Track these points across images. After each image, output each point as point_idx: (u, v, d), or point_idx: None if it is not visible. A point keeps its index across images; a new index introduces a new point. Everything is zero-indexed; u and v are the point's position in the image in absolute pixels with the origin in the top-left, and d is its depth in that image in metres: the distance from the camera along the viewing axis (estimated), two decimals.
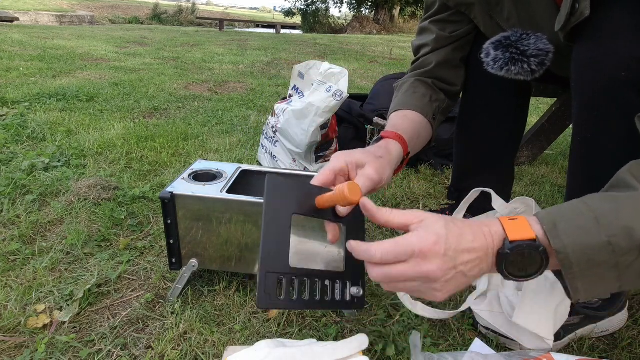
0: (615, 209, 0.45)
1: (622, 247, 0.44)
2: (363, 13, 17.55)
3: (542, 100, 2.97)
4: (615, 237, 0.44)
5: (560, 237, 0.46)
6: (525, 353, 0.65)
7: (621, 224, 0.44)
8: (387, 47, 7.20)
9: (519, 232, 0.47)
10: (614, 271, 0.45)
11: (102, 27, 9.62)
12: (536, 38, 0.74)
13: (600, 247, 0.45)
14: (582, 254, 0.45)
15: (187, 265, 0.84)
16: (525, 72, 0.76)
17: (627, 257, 0.44)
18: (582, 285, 0.47)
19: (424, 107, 0.87)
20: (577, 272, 0.46)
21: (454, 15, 0.90)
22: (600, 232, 0.45)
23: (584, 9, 0.57)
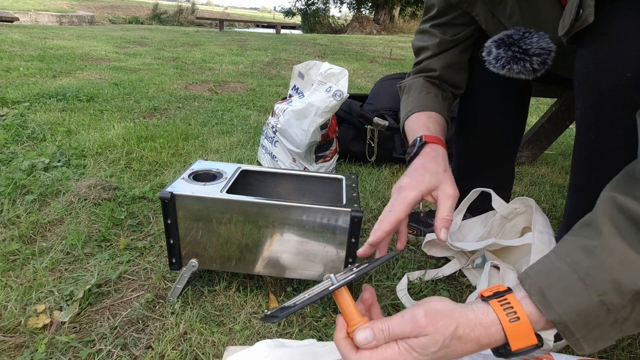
0: (596, 264, 0.44)
1: (615, 303, 0.43)
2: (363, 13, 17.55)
3: (542, 100, 2.97)
4: (606, 295, 0.43)
5: (552, 307, 0.45)
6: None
7: (607, 280, 0.44)
8: (387, 47, 7.20)
9: (522, 341, 0.46)
10: (614, 327, 0.45)
11: (102, 27, 9.62)
12: (539, 36, 0.74)
13: (594, 308, 0.44)
14: (579, 319, 0.45)
15: (187, 265, 0.84)
16: (527, 71, 0.76)
17: (622, 313, 0.44)
18: (586, 345, 0.46)
19: (441, 107, 0.89)
20: (579, 338, 0.46)
21: (455, 18, 0.90)
22: (589, 293, 0.44)
23: (588, 15, 0.57)
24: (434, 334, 0.46)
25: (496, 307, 0.48)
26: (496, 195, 0.95)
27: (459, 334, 0.47)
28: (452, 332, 0.46)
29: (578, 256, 0.46)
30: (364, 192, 1.40)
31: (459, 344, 0.47)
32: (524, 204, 0.91)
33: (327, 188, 0.95)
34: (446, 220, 0.67)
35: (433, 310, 0.48)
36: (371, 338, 0.48)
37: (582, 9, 0.58)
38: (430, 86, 0.92)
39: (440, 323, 0.47)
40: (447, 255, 1.04)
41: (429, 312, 0.48)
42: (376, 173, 1.57)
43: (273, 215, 0.78)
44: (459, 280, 0.98)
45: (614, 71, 0.58)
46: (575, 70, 0.66)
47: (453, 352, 0.47)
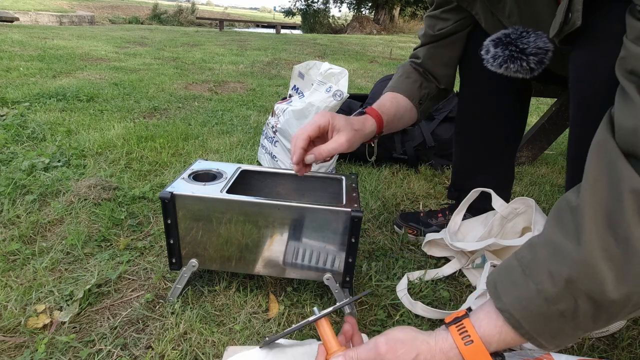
0: (534, 257, 0.48)
1: (551, 292, 0.45)
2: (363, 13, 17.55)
3: (542, 100, 2.97)
4: (542, 285, 0.46)
5: (500, 297, 0.49)
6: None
7: (542, 270, 0.46)
8: (387, 47, 7.20)
9: None
10: (567, 322, 0.46)
11: (102, 27, 9.62)
12: (536, 36, 0.74)
13: (534, 297, 0.46)
14: (522, 308, 0.47)
15: (187, 265, 0.84)
16: (524, 70, 0.76)
17: (565, 304, 0.45)
18: (544, 340, 0.48)
19: (413, 92, 0.95)
20: (528, 328, 0.47)
21: (444, 12, 0.93)
22: (528, 283, 0.47)
23: (576, 19, 0.58)
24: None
25: (453, 333, 0.51)
26: (496, 195, 0.95)
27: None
28: (412, 359, 0.50)
29: (524, 251, 0.50)
30: (364, 192, 1.40)
31: None
32: (524, 204, 0.92)
33: (327, 188, 0.95)
34: (321, 155, 0.72)
35: (394, 339, 0.52)
36: None
37: (570, 13, 0.59)
38: (413, 72, 0.98)
39: (400, 351, 0.50)
40: (447, 255, 1.04)
41: (389, 340, 0.52)
42: (376, 173, 1.57)
43: (273, 215, 0.78)
44: (459, 280, 0.98)
45: (603, 73, 0.58)
46: (569, 69, 0.67)
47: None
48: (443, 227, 1.07)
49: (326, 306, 0.86)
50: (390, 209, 1.31)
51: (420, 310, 0.85)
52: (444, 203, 1.36)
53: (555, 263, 0.45)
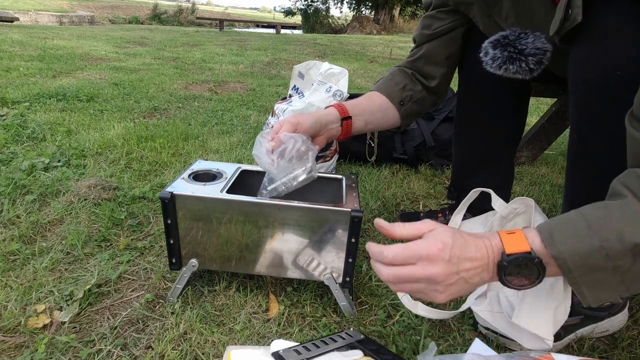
0: (605, 215, 0.48)
1: (615, 250, 0.47)
2: (363, 13, 17.54)
3: (542, 100, 2.97)
4: (607, 242, 0.47)
5: (556, 245, 0.49)
6: (526, 353, 0.65)
7: (611, 229, 0.47)
8: (387, 47, 7.20)
9: (515, 246, 0.51)
10: (615, 275, 0.48)
11: (102, 27, 9.62)
12: (534, 37, 0.74)
13: (594, 251, 0.47)
14: (579, 259, 0.48)
15: (187, 265, 0.84)
16: (523, 70, 0.76)
17: (622, 261, 0.47)
18: (587, 290, 0.50)
19: (393, 93, 0.96)
20: (577, 277, 0.49)
21: (440, 12, 0.94)
22: (592, 237, 0.48)
23: (576, 15, 0.58)
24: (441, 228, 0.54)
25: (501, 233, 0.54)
26: (496, 195, 0.95)
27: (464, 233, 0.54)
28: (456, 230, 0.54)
29: (592, 209, 0.50)
30: (364, 192, 1.40)
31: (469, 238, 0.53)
32: (524, 204, 0.91)
33: (327, 188, 0.95)
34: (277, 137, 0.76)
35: None
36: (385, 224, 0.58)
37: (570, 9, 0.59)
38: (398, 74, 0.99)
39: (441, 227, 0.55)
40: None
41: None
42: (376, 173, 1.57)
43: (273, 215, 0.78)
44: None
45: (604, 69, 0.59)
46: (568, 68, 0.67)
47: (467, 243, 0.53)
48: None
49: (326, 306, 0.86)
50: (390, 209, 1.31)
51: (421, 310, 0.85)
52: (444, 203, 1.36)
53: (629, 226, 0.46)
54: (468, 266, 0.52)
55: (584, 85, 0.64)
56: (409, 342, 0.77)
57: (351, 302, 0.84)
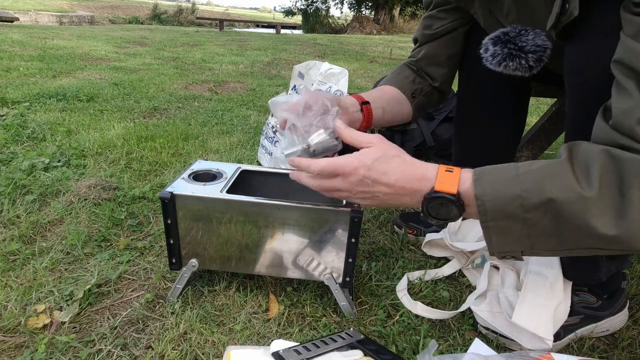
0: (535, 169, 0.52)
1: (530, 202, 0.50)
2: (363, 13, 17.54)
3: (542, 100, 2.97)
4: (527, 192, 0.50)
5: (482, 185, 0.54)
6: (526, 353, 0.65)
7: (535, 181, 0.50)
8: (387, 47, 7.20)
9: (445, 185, 0.56)
10: (523, 227, 0.51)
11: (102, 27, 9.62)
12: (535, 34, 0.74)
13: (512, 199, 0.51)
14: (497, 203, 0.52)
15: (187, 265, 0.84)
16: (523, 68, 0.76)
17: (534, 214, 0.50)
18: (494, 236, 0.54)
19: (404, 84, 0.96)
20: (490, 221, 0.53)
21: (441, 12, 0.93)
22: (515, 186, 0.51)
23: (573, 9, 0.58)
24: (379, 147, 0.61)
25: (440, 165, 0.59)
26: None
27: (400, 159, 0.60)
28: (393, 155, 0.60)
29: (529, 164, 0.53)
30: None
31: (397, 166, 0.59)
32: None
33: None
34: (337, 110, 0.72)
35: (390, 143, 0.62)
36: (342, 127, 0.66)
37: (567, 3, 0.59)
38: (405, 69, 0.99)
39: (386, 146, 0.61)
40: (447, 255, 1.04)
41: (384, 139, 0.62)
42: None
43: (273, 215, 0.78)
44: (459, 280, 0.98)
45: (598, 68, 0.59)
46: (564, 68, 0.67)
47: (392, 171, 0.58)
48: (443, 227, 1.07)
49: (326, 306, 0.86)
50: (390, 209, 1.31)
51: (420, 310, 0.85)
52: None
53: (549, 182, 0.50)
54: (384, 190, 0.59)
55: (580, 84, 0.64)
56: (409, 342, 0.77)
57: (351, 302, 0.84)
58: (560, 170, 0.50)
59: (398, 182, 0.58)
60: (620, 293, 0.81)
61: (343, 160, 0.60)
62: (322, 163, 0.61)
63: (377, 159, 0.59)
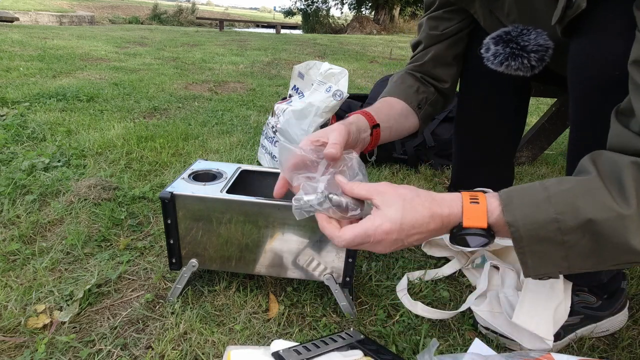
0: (567, 189, 0.49)
1: (568, 225, 0.48)
2: (363, 13, 17.55)
3: (542, 100, 2.97)
4: (563, 215, 0.48)
5: (513, 211, 0.51)
6: (526, 353, 0.65)
7: (570, 202, 0.48)
8: (387, 47, 7.20)
9: (473, 220, 0.53)
10: (561, 250, 0.49)
11: (102, 27, 9.62)
12: (536, 34, 0.74)
13: (548, 222, 0.48)
14: (531, 228, 0.49)
15: (187, 265, 0.84)
16: (524, 67, 0.76)
17: (572, 236, 0.48)
18: (531, 260, 0.51)
19: (408, 96, 0.91)
20: (526, 246, 0.50)
21: (447, 12, 0.91)
22: (549, 208, 0.49)
23: (580, 2, 0.57)
24: (394, 195, 0.55)
25: (463, 194, 0.55)
26: None
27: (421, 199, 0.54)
28: (412, 196, 0.54)
29: (556, 183, 0.51)
30: None
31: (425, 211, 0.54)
32: None
33: None
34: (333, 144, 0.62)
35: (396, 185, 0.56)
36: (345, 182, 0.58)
37: None
38: (407, 78, 0.94)
39: (400, 190, 0.55)
40: (447, 255, 1.04)
41: (392, 185, 0.56)
42: (376, 173, 1.57)
43: (273, 215, 0.78)
44: (459, 280, 0.98)
45: (604, 69, 0.58)
46: (567, 66, 0.66)
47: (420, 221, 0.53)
48: None
49: (326, 306, 0.86)
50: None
51: (420, 310, 0.85)
52: None
53: (585, 201, 0.47)
54: (415, 238, 0.55)
55: (583, 84, 0.63)
56: (409, 342, 0.77)
57: (351, 302, 0.84)
58: (593, 188, 0.48)
59: (429, 227, 0.54)
60: (620, 293, 0.81)
61: (371, 226, 0.54)
62: (348, 235, 0.55)
63: (403, 213, 0.53)
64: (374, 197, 0.55)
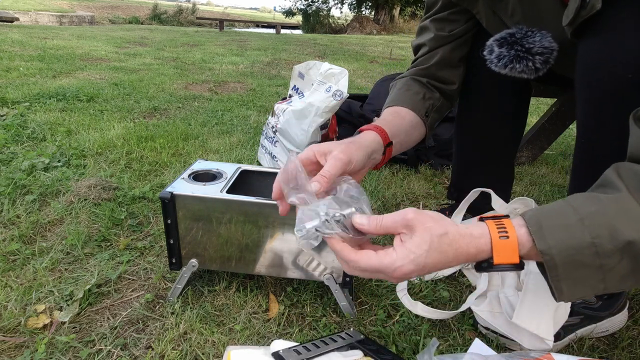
0: (599, 210, 0.46)
1: (606, 248, 0.44)
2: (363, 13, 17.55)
3: (542, 100, 2.97)
4: (599, 238, 0.45)
5: (545, 238, 0.47)
6: (526, 353, 0.64)
7: (605, 225, 0.45)
8: (387, 47, 7.20)
9: (504, 257, 0.48)
10: (598, 273, 0.46)
11: (102, 27, 9.62)
12: (541, 35, 0.73)
13: (584, 248, 0.45)
14: (567, 254, 0.46)
15: (187, 265, 0.84)
16: (529, 70, 0.75)
17: (610, 260, 0.45)
18: (566, 287, 0.48)
19: (416, 104, 0.87)
20: (561, 274, 0.47)
21: (453, 14, 0.90)
22: (584, 232, 0.45)
23: (595, 2, 0.56)
24: (422, 231, 0.49)
25: (490, 225, 0.50)
26: (496, 195, 0.95)
27: (449, 238, 0.49)
28: (440, 234, 0.49)
29: (585, 202, 0.47)
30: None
31: (450, 248, 0.49)
32: (524, 204, 0.91)
33: None
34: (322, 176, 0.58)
35: (423, 213, 0.51)
36: (366, 222, 0.52)
37: None
38: (413, 84, 0.91)
39: (429, 223, 0.49)
40: None
41: (419, 213, 0.50)
42: (376, 173, 1.57)
43: (273, 215, 0.78)
44: (459, 280, 0.98)
45: (616, 71, 0.57)
46: (576, 69, 0.65)
47: (444, 258, 0.49)
48: None
49: (326, 306, 0.86)
50: (391, 209, 1.31)
51: (421, 310, 0.85)
52: (444, 203, 1.36)
53: (623, 222, 0.44)
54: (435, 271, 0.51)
55: (595, 87, 0.62)
56: (409, 342, 0.77)
57: (351, 302, 0.84)
58: (627, 207, 0.45)
59: (451, 264, 0.50)
60: (620, 294, 0.81)
61: (390, 265, 0.49)
62: (363, 264, 0.51)
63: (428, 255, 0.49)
64: (400, 231, 0.51)
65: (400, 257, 0.49)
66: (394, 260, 0.49)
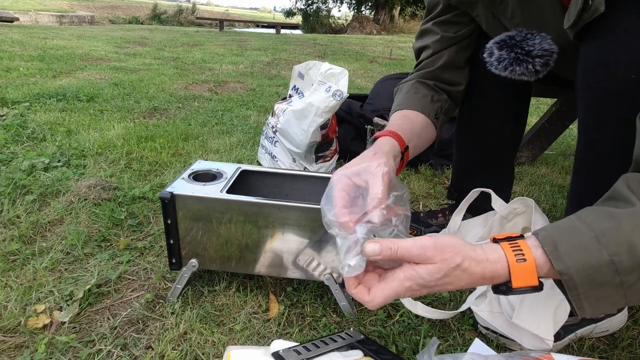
0: (614, 226, 0.45)
1: (625, 265, 0.44)
2: (363, 13, 17.54)
3: (542, 100, 2.97)
4: (618, 256, 0.44)
5: (562, 259, 0.46)
6: (526, 353, 0.64)
7: (622, 242, 0.44)
8: (387, 47, 7.20)
9: (523, 281, 0.48)
10: (619, 290, 0.45)
11: (102, 27, 9.62)
12: (541, 38, 0.73)
13: (603, 266, 0.44)
14: (585, 274, 0.45)
15: (187, 265, 0.84)
16: (529, 72, 0.75)
17: (630, 276, 0.44)
18: (588, 305, 0.47)
19: (425, 106, 0.86)
20: (582, 293, 0.46)
21: (456, 16, 0.89)
22: (601, 251, 0.44)
23: (598, 5, 0.56)
24: (440, 262, 0.48)
25: (505, 247, 0.49)
26: (496, 195, 0.95)
27: (465, 266, 0.48)
28: (457, 264, 0.48)
29: (599, 218, 0.46)
30: None
31: (464, 275, 0.48)
32: (524, 204, 0.91)
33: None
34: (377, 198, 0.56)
35: (442, 242, 0.49)
36: (378, 250, 0.49)
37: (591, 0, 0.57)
38: (420, 87, 0.90)
39: (447, 255, 0.48)
40: None
41: (438, 243, 0.49)
42: None
43: (273, 215, 0.78)
44: None
45: (618, 72, 0.57)
46: (577, 70, 0.65)
47: (457, 282, 0.49)
48: (443, 227, 1.07)
49: (326, 306, 0.86)
50: None
51: (421, 310, 0.85)
52: (444, 203, 1.36)
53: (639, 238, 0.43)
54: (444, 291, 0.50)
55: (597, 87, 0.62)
56: (409, 342, 0.77)
57: (351, 302, 0.84)
58: None
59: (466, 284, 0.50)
60: None
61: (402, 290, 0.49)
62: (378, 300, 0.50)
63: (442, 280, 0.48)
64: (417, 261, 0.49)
65: (411, 279, 0.49)
66: (403, 285, 0.49)
